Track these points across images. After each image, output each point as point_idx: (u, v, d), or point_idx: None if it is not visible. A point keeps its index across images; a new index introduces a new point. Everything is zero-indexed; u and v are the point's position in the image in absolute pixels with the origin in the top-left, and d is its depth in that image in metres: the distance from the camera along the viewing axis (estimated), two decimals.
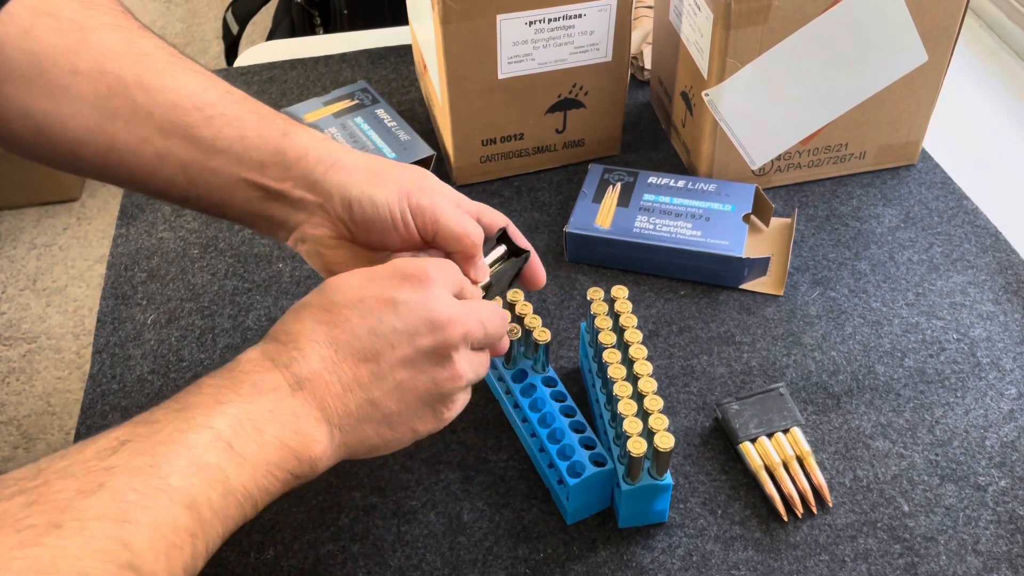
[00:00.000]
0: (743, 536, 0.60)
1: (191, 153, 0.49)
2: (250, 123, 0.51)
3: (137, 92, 0.48)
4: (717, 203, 0.79)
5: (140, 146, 0.49)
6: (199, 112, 0.49)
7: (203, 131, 0.49)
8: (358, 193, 0.51)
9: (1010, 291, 0.77)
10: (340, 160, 0.52)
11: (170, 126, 0.49)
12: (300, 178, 0.51)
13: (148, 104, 0.49)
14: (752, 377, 0.70)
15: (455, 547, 0.60)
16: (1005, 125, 0.97)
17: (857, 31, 0.77)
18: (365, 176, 0.51)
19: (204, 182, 0.50)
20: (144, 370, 0.72)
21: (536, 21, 0.78)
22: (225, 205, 0.52)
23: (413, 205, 0.51)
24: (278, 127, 0.51)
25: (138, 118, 0.49)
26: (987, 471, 0.64)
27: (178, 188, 0.51)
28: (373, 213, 0.51)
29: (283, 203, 0.52)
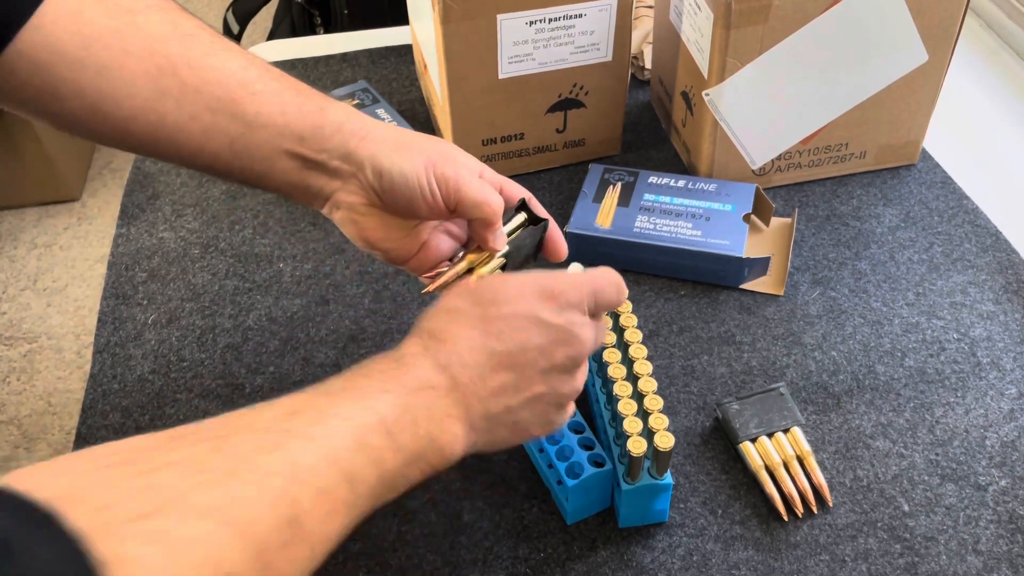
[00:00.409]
0: (743, 536, 0.60)
1: (236, 128, 0.52)
2: (289, 98, 0.54)
3: (185, 71, 0.51)
4: (717, 203, 0.79)
5: (189, 123, 0.52)
6: (243, 89, 0.52)
7: (247, 107, 0.52)
8: (387, 163, 0.54)
9: (1010, 291, 0.77)
10: (372, 132, 0.55)
11: (216, 103, 0.52)
12: (336, 149, 0.54)
13: (196, 82, 0.51)
14: (752, 377, 0.70)
15: (455, 547, 0.60)
16: (1005, 125, 0.97)
17: (857, 31, 0.77)
18: (394, 147, 0.54)
19: (248, 155, 0.53)
20: (145, 370, 0.72)
21: (536, 21, 0.78)
22: (267, 176, 0.55)
23: (438, 175, 0.54)
24: (315, 102, 0.55)
25: (187, 96, 0.51)
26: (987, 471, 0.64)
27: (223, 162, 0.54)
28: (402, 182, 0.53)
29: (320, 172, 0.55)
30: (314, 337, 0.74)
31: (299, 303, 0.77)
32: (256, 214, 0.86)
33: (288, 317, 0.76)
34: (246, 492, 0.37)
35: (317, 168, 0.55)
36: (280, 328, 0.75)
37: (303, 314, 0.76)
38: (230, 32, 1.72)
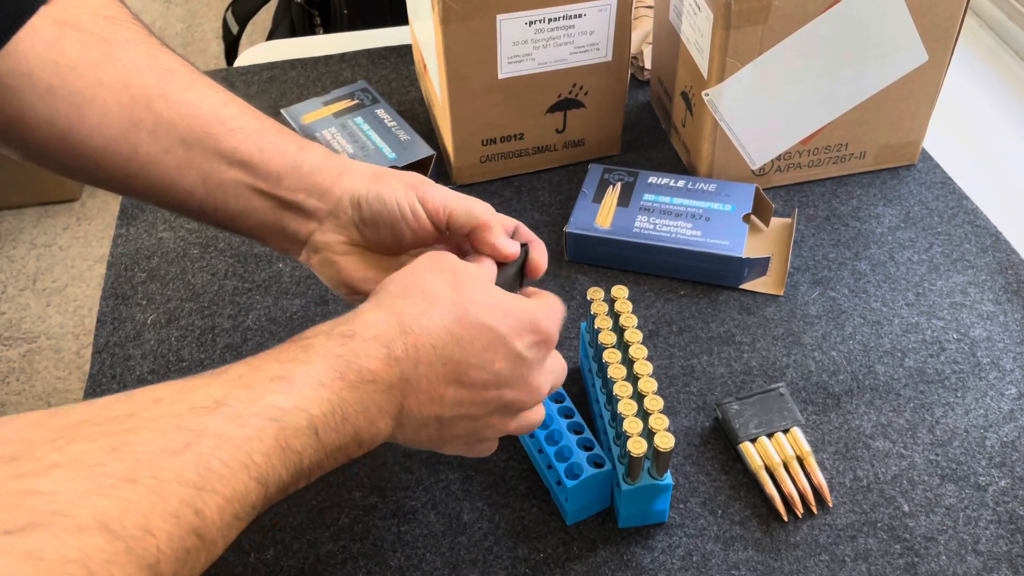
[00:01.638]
0: (743, 536, 0.60)
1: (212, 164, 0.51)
2: (268, 137, 0.53)
3: (160, 104, 0.50)
4: (717, 203, 0.79)
5: (162, 156, 0.50)
6: (221, 125, 0.51)
7: (224, 143, 0.51)
8: (364, 191, 0.53)
9: (1010, 291, 0.77)
10: (348, 168, 0.54)
11: (192, 137, 0.50)
12: (313, 188, 0.53)
13: (171, 116, 0.50)
14: (752, 377, 0.70)
15: (455, 547, 0.60)
16: (1005, 125, 0.97)
17: (857, 31, 0.77)
18: (371, 178, 0.53)
19: (223, 192, 0.52)
20: (144, 370, 0.72)
21: (536, 21, 0.78)
22: (241, 217, 0.53)
23: (421, 195, 0.53)
24: (295, 141, 0.54)
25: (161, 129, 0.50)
26: (987, 471, 0.64)
27: (196, 199, 0.52)
28: (380, 207, 0.52)
29: (296, 213, 0.53)
30: None
31: (298, 303, 0.77)
32: None
33: (288, 317, 0.76)
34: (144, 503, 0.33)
35: (293, 208, 0.53)
36: (280, 328, 0.75)
37: (302, 314, 0.76)
38: (230, 32, 1.72)
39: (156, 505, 0.33)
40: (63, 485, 0.31)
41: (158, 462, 0.34)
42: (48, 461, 0.32)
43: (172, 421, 0.36)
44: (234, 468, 0.37)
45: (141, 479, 0.33)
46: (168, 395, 0.38)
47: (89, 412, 0.35)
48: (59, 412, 0.35)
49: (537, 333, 0.47)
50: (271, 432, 0.38)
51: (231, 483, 0.36)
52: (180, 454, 0.35)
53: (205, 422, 0.37)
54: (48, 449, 0.32)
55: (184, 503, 0.34)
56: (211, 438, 0.36)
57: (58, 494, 0.31)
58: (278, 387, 0.40)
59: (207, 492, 0.35)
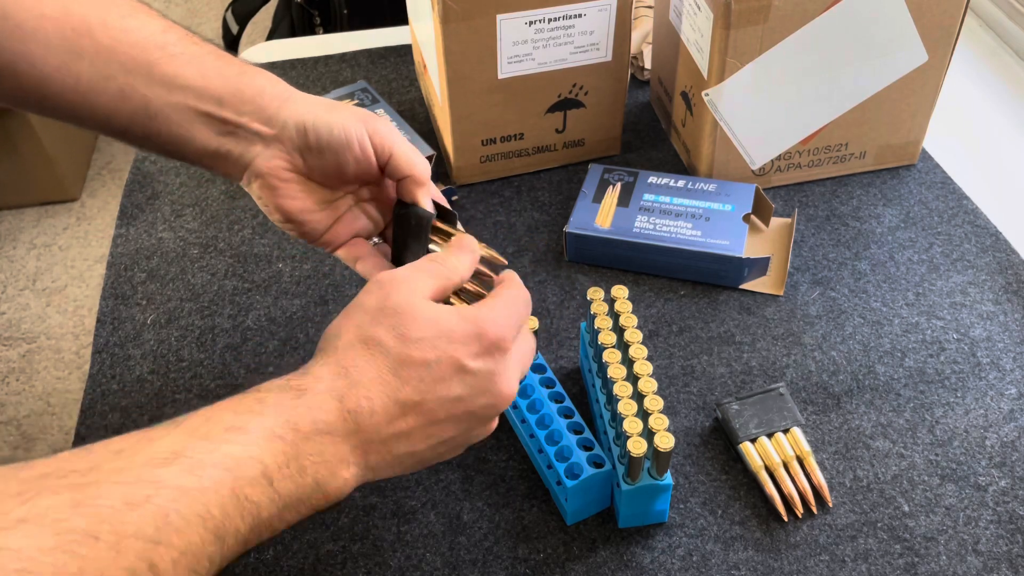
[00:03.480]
0: (743, 536, 0.60)
1: (153, 89, 0.51)
2: (209, 62, 0.53)
3: (101, 32, 0.51)
4: (717, 203, 0.79)
5: (104, 83, 0.51)
6: (161, 51, 0.52)
7: (165, 68, 0.52)
8: (313, 119, 0.53)
9: (1010, 291, 0.77)
10: (294, 96, 0.54)
11: (133, 64, 0.51)
12: (256, 112, 0.53)
13: (112, 43, 0.51)
14: (752, 377, 0.70)
15: (455, 547, 0.60)
16: (1005, 125, 0.97)
17: (857, 31, 0.77)
18: (319, 105, 0.54)
19: (164, 117, 0.52)
20: (144, 370, 0.72)
21: (536, 21, 0.78)
22: (183, 141, 0.53)
23: (371, 130, 0.54)
24: (236, 66, 0.54)
25: (102, 57, 0.51)
26: (987, 471, 0.64)
27: (139, 125, 0.53)
28: (328, 136, 0.53)
29: (238, 138, 0.54)
30: (313, 337, 0.74)
31: (298, 303, 0.77)
32: (255, 214, 0.86)
33: (287, 317, 0.76)
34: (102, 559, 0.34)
35: (236, 133, 0.53)
36: (279, 328, 0.75)
37: (302, 314, 0.76)
38: (229, 32, 1.72)
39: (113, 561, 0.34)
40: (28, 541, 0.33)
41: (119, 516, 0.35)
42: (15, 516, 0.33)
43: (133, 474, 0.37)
44: (191, 520, 0.37)
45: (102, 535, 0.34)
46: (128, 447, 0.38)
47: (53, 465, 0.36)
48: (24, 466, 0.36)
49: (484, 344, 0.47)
50: (227, 483, 0.39)
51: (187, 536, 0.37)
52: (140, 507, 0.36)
53: (163, 474, 0.37)
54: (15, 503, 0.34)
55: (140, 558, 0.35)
56: (170, 490, 0.37)
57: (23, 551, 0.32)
58: (233, 437, 0.40)
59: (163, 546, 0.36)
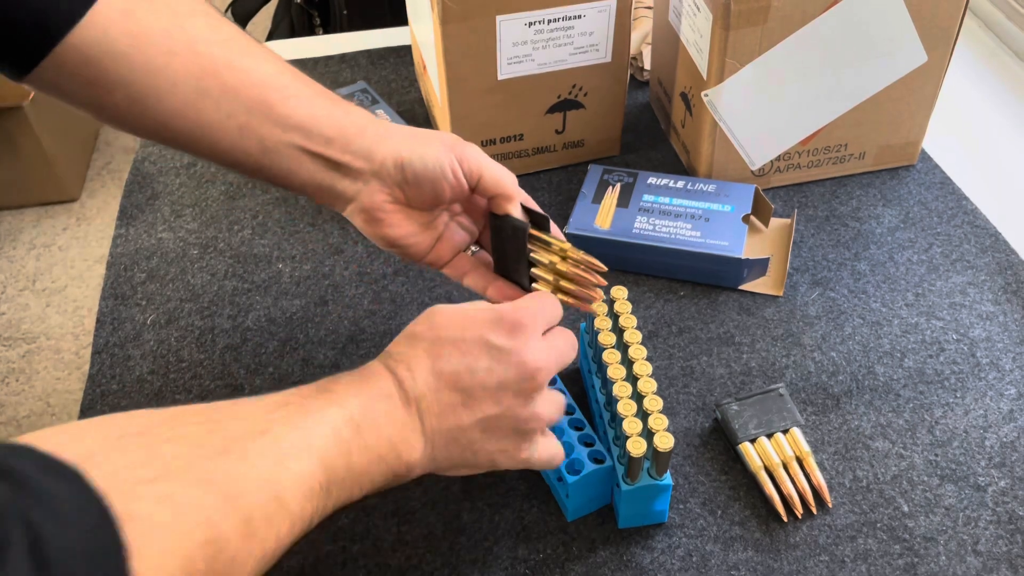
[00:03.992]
0: (743, 536, 0.60)
1: (269, 128, 0.56)
2: (319, 104, 0.57)
3: (227, 72, 0.55)
4: (716, 204, 0.79)
5: (225, 121, 0.55)
6: (278, 92, 0.56)
7: (281, 109, 0.56)
8: (408, 153, 0.57)
9: (1010, 291, 0.77)
10: (391, 132, 0.59)
11: (253, 104, 0.55)
12: (359, 151, 0.57)
13: (235, 84, 0.55)
14: (752, 377, 0.70)
15: (455, 547, 0.60)
16: (1005, 125, 0.97)
17: (857, 31, 0.77)
18: (412, 139, 0.58)
19: (277, 154, 0.57)
20: (144, 370, 0.72)
21: (536, 22, 0.78)
22: (293, 175, 0.58)
23: (459, 155, 0.58)
24: (341, 107, 0.59)
25: (225, 97, 0.55)
26: (987, 471, 0.64)
27: (253, 159, 0.57)
28: (423, 168, 0.57)
29: (343, 173, 0.58)
30: (313, 338, 0.74)
31: (298, 304, 0.77)
32: (255, 215, 0.86)
33: (287, 318, 0.76)
34: (237, 469, 0.41)
35: (340, 169, 0.58)
36: (279, 329, 0.75)
37: (302, 315, 0.76)
38: None
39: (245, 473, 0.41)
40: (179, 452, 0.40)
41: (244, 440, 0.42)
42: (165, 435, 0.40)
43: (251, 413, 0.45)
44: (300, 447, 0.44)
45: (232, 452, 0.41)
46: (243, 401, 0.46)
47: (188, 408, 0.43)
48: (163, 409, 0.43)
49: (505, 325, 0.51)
50: (325, 419, 0.46)
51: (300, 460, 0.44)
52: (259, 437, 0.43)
53: (276, 414, 0.45)
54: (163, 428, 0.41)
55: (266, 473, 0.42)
56: (282, 425, 0.44)
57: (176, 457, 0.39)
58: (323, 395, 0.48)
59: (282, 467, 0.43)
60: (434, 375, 0.50)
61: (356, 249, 0.82)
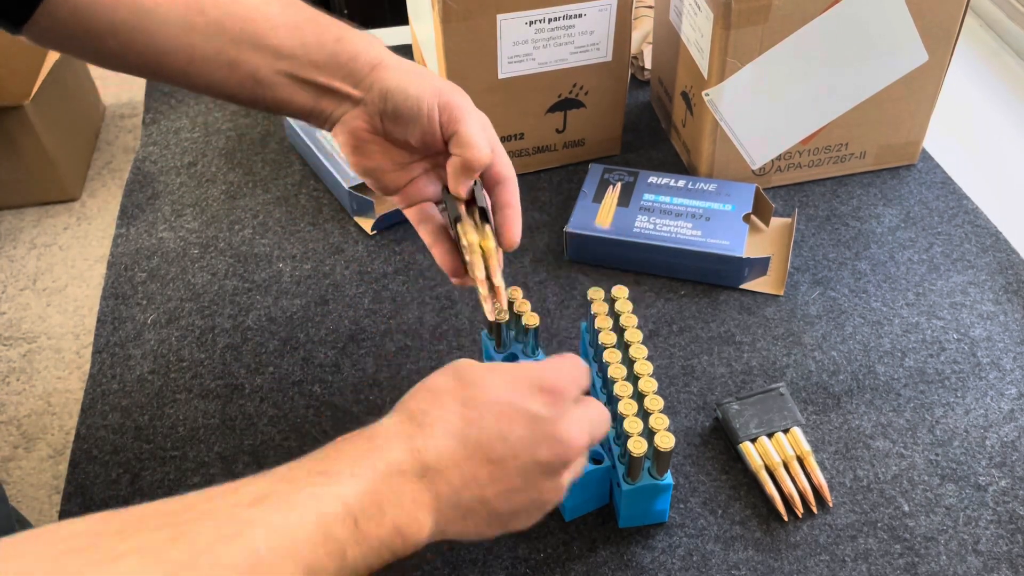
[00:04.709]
0: (743, 536, 0.60)
1: (259, 59, 0.56)
2: (309, 30, 0.57)
3: (211, 7, 0.55)
4: (717, 203, 0.79)
5: (216, 55, 0.56)
6: (266, 22, 0.56)
7: (270, 39, 0.56)
8: (394, 86, 0.57)
9: (1010, 291, 0.77)
10: (384, 61, 0.58)
11: (241, 36, 0.56)
12: (348, 76, 0.57)
13: (221, 17, 0.56)
14: (752, 377, 0.70)
15: (455, 547, 0.60)
16: (1005, 125, 0.97)
17: (857, 31, 0.77)
18: (403, 73, 0.57)
19: (270, 84, 0.57)
20: (144, 370, 0.72)
21: (536, 21, 0.78)
22: (285, 103, 0.59)
23: (443, 102, 0.56)
24: (333, 31, 0.58)
25: (213, 31, 0.55)
26: (987, 471, 0.64)
27: (247, 90, 0.58)
28: (403, 103, 0.56)
29: (332, 98, 0.58)
30: (313, 337, 0.74)
31: (298, 303, 0.77)
32: (256, 214, 0.86)
33: (287, 317, 0.76)
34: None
35: (330, 94, 0.58)
36: (279, 328, 0.75)
37: (302, 314, 0.76)
38: None
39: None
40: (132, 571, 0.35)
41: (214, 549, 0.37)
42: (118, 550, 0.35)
43: (225, 513, 0.39)
44: (281, 555, 0.39)
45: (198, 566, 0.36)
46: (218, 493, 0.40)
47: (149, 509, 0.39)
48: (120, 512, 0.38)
49: (545, 391, 0.47)
50: (312, 519, 0.40)
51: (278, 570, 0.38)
52: (233, 541, 0.38)
53: (254, 513, 0.39)
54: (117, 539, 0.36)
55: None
56: (260, 527, 0.39)
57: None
58: (316, 479, 0.42)
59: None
60: (462, 443, 0.45)
61: (356, 249, 0.82)
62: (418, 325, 0.75)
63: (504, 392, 0.46)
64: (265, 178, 0.90)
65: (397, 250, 0.82)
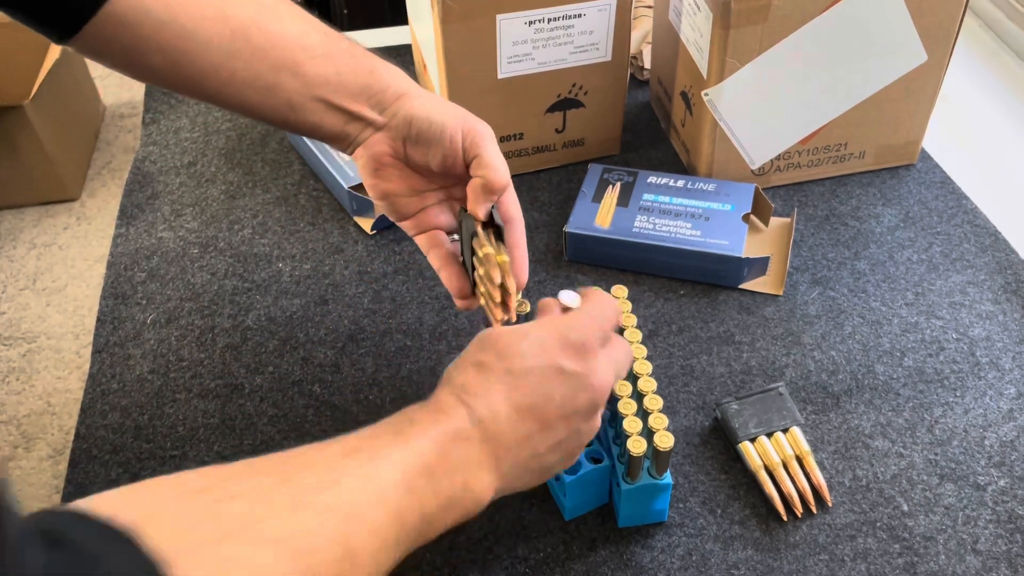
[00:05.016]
0: (743, 536, 0.60)
1: (296, 86, 0.59)
2: (344, 61, 0.60)
3: (256, 34, 0.58)
4: (717, 203, 0.79)
5: (255, 80, 0.58)
6: (304, 52, 0.59)
7: (307, 68, 0.59)
8: (419, 111, 0.59)
9: (1009, 291, 0.77)
10: (411, 91, 0.61)
11: (281, 64, 0.58)
12: (377, 104, 0.60)
13: (264, 45, 0.58)
14: (752, 377, 0.70)
15: (455, 547, 0.60)
16: (1005, 125, 0.97)
17: (857, 31, 0.77)
18: (428, 101, 0.61)
19: (303, 109, 0.60)
20: (144, 370, 0.72)
21: (536, 21, 0.78)
22: (316, 127, 0.61)
23: (466, 128, 0.59)
24: (367, 63, 0.61)
25: (256, 57, 0.58)
26: (986, 471, 0.64)
27: (280, 115, 0.60)
28: (427, 127, 0.59)
29: (358, 123, 0.61)
30: (313, 337, 0.74)
31: (298, 303, 0.77)
32: (255, 214, 0.86)
33: (287, 317, 0.76)
34: (307, 526, 0.39)
35: (358, 120, 0.60)
36: (279, 328, 0.75)
37: (302, 314, 0.76)
38: None
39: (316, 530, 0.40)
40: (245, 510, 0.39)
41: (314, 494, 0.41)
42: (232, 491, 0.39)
43: (322, 464, 0.43)
44: (372, 501, 0.43)
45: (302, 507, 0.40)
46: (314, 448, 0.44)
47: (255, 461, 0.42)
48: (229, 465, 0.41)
49: (572, 347, 0.51)
50: (397, 472, 0.44)
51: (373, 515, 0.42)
52: (329, 489, 0.42)
53: (348, 464, 0.44)
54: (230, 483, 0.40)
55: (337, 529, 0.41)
56: (353, 476, 0.43)
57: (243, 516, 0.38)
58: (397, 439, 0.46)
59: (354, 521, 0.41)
60: (514, 408, 0.49)
61: (356, 249, 0.82)
62: (418, 325, 0.75)
63: (539, 358, 0.50)
64: (265, 178, 0.90)
65: (397, 250, 0.82)
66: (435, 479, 0.46)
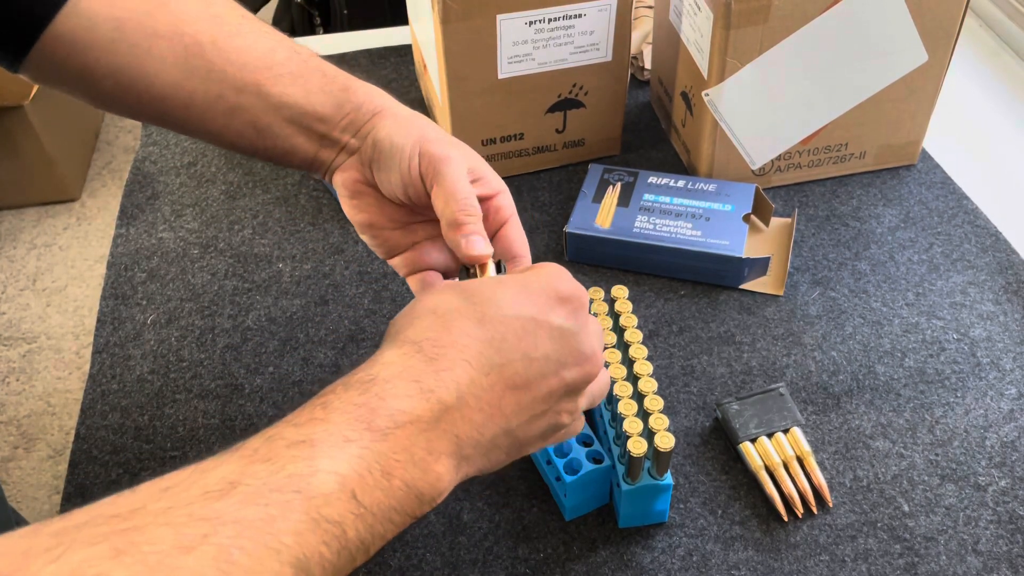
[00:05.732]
0: (743, 536, 0.60)
1: (261, 108, 0.54)
2: (314, 80, 0.55)
3: (212, 52, 0.53)
4: (717, 203, 0.79)
5: (215, 102, 0.53)
6: (268, 71, 0.54)
7: (272, 88, 0.53)
8: (384, 135, 0.54)
9: (1010, 291, 0.77)
10: (384, 111, 0.55)
11: (242, 84, 0.53)
12: (350, 125, 0.55)
13: (222, 64, 0.53)
14: (752, 377, 0.70)
15: (455, 547, 0.60)
16: (1005, 125, 0.97)
17: (857, 31, 0.77)
18: (397, 122, 0.55)
19: (271, 133, 0.55)
20: (144, 370, 0.72)
21: (536, 21, 0.78)
22: (287, 153, 0.56)
23: (423, 150, 0.52)
24: (339, 83, 0.55)
25: (214, 77, 0.53)
26: (987, 471, 0.64)
27: (247, 140, 0.55)
28: (388, 151, 0.53)
29: (332, 148, 0.56)
30: (313, 337, 0.74)
31: (298, 303, 0.77)
32: (255, 214, 0.86)
33: (287, 317, 0.76)
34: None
35: (332, 145, 0.56)
36: (279, 328, 0.75)
37: (302, 314, 0.76)
38: None
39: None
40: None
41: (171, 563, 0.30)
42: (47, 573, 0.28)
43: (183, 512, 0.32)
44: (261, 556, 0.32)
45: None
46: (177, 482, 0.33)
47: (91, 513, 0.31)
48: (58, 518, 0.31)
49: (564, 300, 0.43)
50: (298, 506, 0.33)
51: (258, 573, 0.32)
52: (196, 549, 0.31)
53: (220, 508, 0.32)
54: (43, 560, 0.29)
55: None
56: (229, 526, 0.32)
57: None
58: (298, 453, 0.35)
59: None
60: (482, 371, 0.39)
61: (356, 249, 0.82)
62: None
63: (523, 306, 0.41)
64: (265, 178, 0.90)
65: None
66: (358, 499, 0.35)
